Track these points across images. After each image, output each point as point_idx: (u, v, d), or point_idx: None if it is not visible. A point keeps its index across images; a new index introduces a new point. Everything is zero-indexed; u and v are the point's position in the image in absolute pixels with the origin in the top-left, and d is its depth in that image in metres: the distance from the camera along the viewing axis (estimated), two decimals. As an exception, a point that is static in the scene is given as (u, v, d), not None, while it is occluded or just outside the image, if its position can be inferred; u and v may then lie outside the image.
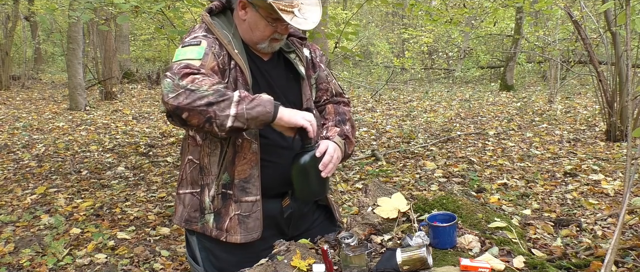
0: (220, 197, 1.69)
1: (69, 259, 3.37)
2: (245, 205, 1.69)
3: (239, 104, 1.48)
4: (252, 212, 1.70)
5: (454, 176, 4.94)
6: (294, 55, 1.81)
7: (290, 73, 1.81)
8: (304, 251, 1.63)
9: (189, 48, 1.60)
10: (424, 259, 1.46)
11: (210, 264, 1.77)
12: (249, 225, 1.70)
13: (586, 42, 6.36)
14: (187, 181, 1.76)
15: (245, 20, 1.69)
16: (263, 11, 1.63)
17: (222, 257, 1.75)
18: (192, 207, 1.74)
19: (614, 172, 4.79)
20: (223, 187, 1.69)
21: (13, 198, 4.66)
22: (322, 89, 1.93)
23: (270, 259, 1.61)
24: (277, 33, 1.68)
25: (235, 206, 1.69)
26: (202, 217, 1.72)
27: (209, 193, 1.70)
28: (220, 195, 1.69)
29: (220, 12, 1.75)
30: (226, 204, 1.70)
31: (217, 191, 1.69)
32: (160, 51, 16.08)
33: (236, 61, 1.65)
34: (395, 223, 1.81)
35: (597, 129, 6.90)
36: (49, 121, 8.95)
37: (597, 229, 3.43)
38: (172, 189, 4.85)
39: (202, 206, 1.72)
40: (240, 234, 1.69)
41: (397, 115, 9.20)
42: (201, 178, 1.71)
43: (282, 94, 1.74)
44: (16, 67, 16.88)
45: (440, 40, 17.72)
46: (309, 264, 1.53)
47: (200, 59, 1.57)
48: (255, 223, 1.70)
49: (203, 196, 1.71)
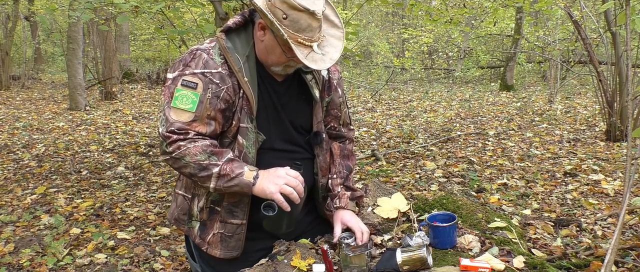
0: (208, 210, 1.70)
1: (69, 259, 3.37)
2: (229, 226, 1.69)
3: (218, 180, 1.55)
4: (236, 233, 1.70)
5: (454, 176, 4.94)
6: (311, 77, 1.72)
7: (303, 94, 1.74)
8: (304, 251, 1.63)
9: (184, 92, 1.56)
10: (424, 259, 1.46)
11: (204, 262, 1.78)
12: (230, 244, 1.70)
13: (586, 42, 6.36)
14: (182, 183, 1.78)
15: (262, 41, 1.60)
16: (280, 40, 1.52)
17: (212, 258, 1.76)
18: (182, 210, 1.76)
19: (614, 172, 4.79)
20: (211, 202, 1.69)
21: (13, 198, 4.66)
22: (332, 115, 1.85)
23: (270, 259, 1.61)
24: (293, 61, 1.58)
25: (220, 225, 1.69)
26: (189, 222, 1.74)
27: (198, 203, 1.71)
28: (208, 209, 1.70)
29: (241, 26, 1.65)
30: (212, 218, 1.70)
31: (206, 204, 1.69)
32: (160, 51, 16.08)
33: (244, 90, 1.59)
34: (395, 223, 1.81)
35: (597, 129, 6.90)
36: (49, 121, 8.95)
37: (597, 229, 3.43)
38: (172, 189, 4.85)
39: (191, 212, 1.73)
40: (221, 250, 1.70)
41: (397, 115, 9.20)
42: (193, 187, 1.72)
43: (288, 118, 1.71)
44: (16, 67, 16.87)
45: (440, 40, 17.72)
46: (309, 264, 1.53)
47: (193, 111, 1.56)
48: (237, 243, 1.70)
49: (192, 204, 1.73)
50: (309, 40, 1.51)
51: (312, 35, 1.52)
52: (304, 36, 1.50)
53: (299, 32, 1.49)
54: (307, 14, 1.48)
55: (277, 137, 1.70)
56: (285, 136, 1.72)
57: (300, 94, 1.73)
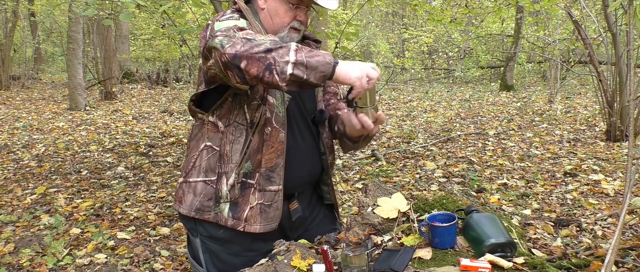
0: (239, 186, 1.66)
1: (69, 259, 3.37)
2: (268, 194, 1.67)
3: (297, 51, 1.40)
4: (274, 201, 1.69)
5: (454, 176, 4.94)
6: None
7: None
8: (304, 251, 1.63)
9: (227, 20, 1.53)
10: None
11: (213, 266, 1.75)
12: (269, 214, 1.68)
13: (586, 42, 6.36)
14: (200, 168, 1.71)
15: (264, 8, 1.66)
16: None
17: (228, 261, 1.73)
18: (205, 195, 1.69)
19: (614, 172, 4.79)
20: (244, 176, 1.66)
21: (13, 198, 4.66)
22: (329, 92, 1.91)
23: (270, 259, 1.61)
24: (297, 21, 1.66)
25: (259, 194, 1.67)
26: (217, 206, 1.68)
27: (228, 182, 1.66)
28: (240, 184, 1.66)
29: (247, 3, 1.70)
30: (245, 193, 1.67)
31: (237, 180, 1.66)
32: (161, 51, 16.06)
33: None
34: (395, 223, 1.80)
35: (597, 129, 6.89)
36: (49, 121, 8.95)
37: (597, 229, 3.43)
38: (172, 189, 4.85)
39: (218, 195, 1.68)
40: (260, 223, 1.67)
41: (397, 115, 9.20)
42: (219, 166, 1.67)
43: (298, 95, 1.74)
44: (16, 67, 16.86)
45: (440, 40, 17.72)
46: (309, 264, 1.53)
47: (244, 26, 1.51)
48: (276, 213, 1.69)
49: (219, 185, 1.67)
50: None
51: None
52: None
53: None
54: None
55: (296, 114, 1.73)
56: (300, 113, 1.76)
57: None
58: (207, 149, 1.69)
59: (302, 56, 1.39)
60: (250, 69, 1.39)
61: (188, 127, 8.30)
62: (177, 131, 7.86)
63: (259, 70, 1.39)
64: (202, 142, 1.70)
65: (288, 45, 1.41)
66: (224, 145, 1.66)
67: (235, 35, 1.43)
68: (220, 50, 1.41)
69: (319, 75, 1.41)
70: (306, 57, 1.39)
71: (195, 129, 1.75)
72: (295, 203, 1.80)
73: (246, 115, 1.64)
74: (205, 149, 1.70)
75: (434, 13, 6.58)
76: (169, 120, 9.07)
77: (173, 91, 13.77)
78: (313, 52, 1.42)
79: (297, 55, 1.38)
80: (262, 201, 1.67)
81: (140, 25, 17.23)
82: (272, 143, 1.65)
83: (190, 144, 1.77)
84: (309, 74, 1.40)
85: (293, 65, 1.38)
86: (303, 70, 1.39)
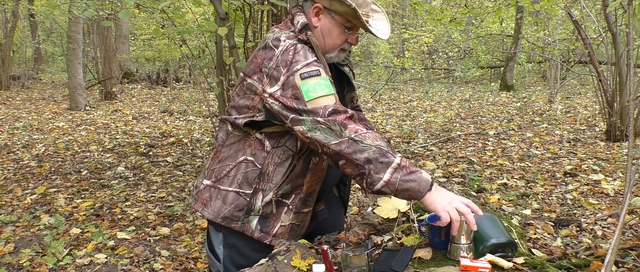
0: (274, 204, 1.67)
1: (69, 259, 3.37)
2: (301, 215, 1.72)
3: (395, 171, 1.43)
4: (304, 221, 1.74)
5: (454, 176, 4.94)
6: (348, 69, 1.83)
7: (339, 86, 1.80)
8: (304, 251, 1.63)
9: (313, 81, 1.50)
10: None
11: (230, 261, 1.74)
12: (297, 232, 1.73)
13: (586, 42, 6.36)
14: (234, 179, 1.69)
15: (317, 26, 1.65)
16: (339, 18, 1.61)
17: (250, 256, 1.71)
18: (236, 207, 1.68)
19: (614, 172, 4.79)
20: (281, 196, 1.67)
21: (13, 198, 4.66)
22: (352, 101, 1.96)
23: (270, 259, 1.61)
24: (347, 43, 1.67)
25: (294, 216, 1.70)
26: (246, 217, 1.68)
27: (264, 198, 1.66)
28: (276, 202, 1.67)
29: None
30: (279, 211, 1.68)
31: (274, 198, 1.66)
32: (161, 51, 16.06)
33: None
34: (395, 223, 1.80)
35: (597, 129, 6.89)
36: (49, 121, 8.95)
37: (597, 229, 3.43)
38: (172, 189, 4.85)
39: (250, 208, 1.67)
40: (287, 239, 1.70)
41: (397, 115, 9.20)
42: (257, 182, 1.66)
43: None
44: (16, 67, 16.86)
45: (440, 40, 17.72)
46: (309, 264, 1.53)
47: (333, 93, 1.50)
48: (302, 230, 1.75)
49: (254, 199, 1.67)
50: (366, 15, 1.62)
51: (368, 11, 1.63)
52: (362, 11, 1.60)
53: (359, 7, 1.59)
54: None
55: None
56: None
57: (339, 86, 1.80)
58: (247, 163, 1.67)
59: (397, 178, 1.43)
60: (345, 167, 1.47)
61: (188, 127, 8.30)
62: (177, 131, 7.86)
63: (352, 172, 1.47)
64: (242, 155, 1.68)
65: (390, 161, 1.43)
66: (268, 165, 1.65)
67: (343, 133, 1.45)
68: (323, 142, 1.47)
69: (406, 197, 1.48)
70: (401, 180, 1.43)
71: (233, 138, 1.70)
72: (321, 204, 1.83)
73: (297, 142, 1.64)
74: (245, 163, 1.68)
75: (434, 13, 6.58)
76: (169, 120, 9.07)
77: (173, 91, 13.77)
78: (413, 175, 1.44)
79: (393, 176, 1.43)
80: (295, 221, 1.71)
81: (140, 25, 17.24)
82: (316, 171, 1.69)
83: (223, 150, 1.72)
84: (396, 193, 1.46)
85: (384, 184, 1.43)
86: (391, 190, 1.45)
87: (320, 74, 1.51)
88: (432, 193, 1.46)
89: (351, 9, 1.56)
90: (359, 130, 1.47)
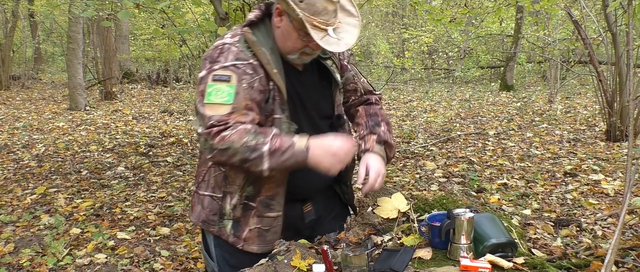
0: (241, 207, 1.69)
1: (69, 259, 3.37)
2: (266, 220, 1.70)
3: (271, 157, 1.50)
4: (273, 226, 1.71)
5: (454, 176, 4.94)
6: (331, 62, 1.77)
7: (324, 80, 1.78)
8: (304, 251, 1.63)
9: (218, 86, 1.53)
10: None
11: (224, 261, 1.77)
12: (267, 238, 1.71)
13: (586, 42, 6.36)
14: (208, 183, 1.73)
15: (279, 27, 1.63)
16: (296, 23, 1.56)
17: (237, 255, 1.74)
18: (211, 210, 1.73)
19: (614, 172, 4.79)
20: (245, 198, 1.68)
21: (13, 198, 4.66)
22: (350, 90, 1.91)
23: (270, 259, 1.61)
24: (309, 47, 1.62)
25: (258, 219, 1.69)
26: (221, 221, 1.71)
27: (231, 201, 1.69)
28: (242, 205, 1.69)
29: (260, 20, 1.68)
30: (246, 214, 1.69)
31: (240, 201, 1.68)
32: (161, 51, 16.05)
33: (275, 81, 1.60)
34: (395, 223, 1.80)
35: (597, 129, 6.89)
36: (49, 121, 8.94)
37: (597, 229, 3.43)
38: (172, 189, 4.85)
39: (222, 212, 1.71)
40: (258, 245, 1.71)
41: (397, 115, 9.20)
42: (224, 185, 1.69)
43: (313, 108, 1.74)
44: (16, 67, 16.86)
45: (440, 40, 17.71)
46: (309, 264, 1.53)
47: (230, 103, 1.52)
48: (274, 236, 1.72)
49: (224, 203, 1.70)
50: (325, 23, 1.54)
51: (328, 19, 1.55)
52: (319, 19, 1.53)
53: (315, 15, 1.52)
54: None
55: (305, 126, 1.71)
56: (312, 124, 1.74)
57: (321, 80, 1.77)
58: (214, 167, 1.71)
59: (275, 161, 1.51)
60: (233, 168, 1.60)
61: (188, 127, 8.30)
62: (177, 131, 7.86)
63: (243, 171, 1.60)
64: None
65: (260, 154, 1.49)
66: (229, 168, 1.66)
67: (212, 145, 1.51)
68: (200, 139, 1.55)
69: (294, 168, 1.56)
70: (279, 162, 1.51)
71: None
72: (309, 206, 1.82)
73: None
74: (213, 167, 1.72)
75: (434, 13, 6.57)
76: (169, 121, 9.07)
77: (173, 91, 13.77)
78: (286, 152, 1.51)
79: (271, 162, 1.50)
80: (260, 225, 1.70)
81: (140, 25, 17.23)
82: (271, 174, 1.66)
83: (201, 156, 1.78)
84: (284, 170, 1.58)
85: (268, 170, 1.52)
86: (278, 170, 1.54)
87: (230, 80, 1.54)
88: (311, 157, 1.53)
89: (298, 19, 1.52)
90: (225, 135, 1.50)
